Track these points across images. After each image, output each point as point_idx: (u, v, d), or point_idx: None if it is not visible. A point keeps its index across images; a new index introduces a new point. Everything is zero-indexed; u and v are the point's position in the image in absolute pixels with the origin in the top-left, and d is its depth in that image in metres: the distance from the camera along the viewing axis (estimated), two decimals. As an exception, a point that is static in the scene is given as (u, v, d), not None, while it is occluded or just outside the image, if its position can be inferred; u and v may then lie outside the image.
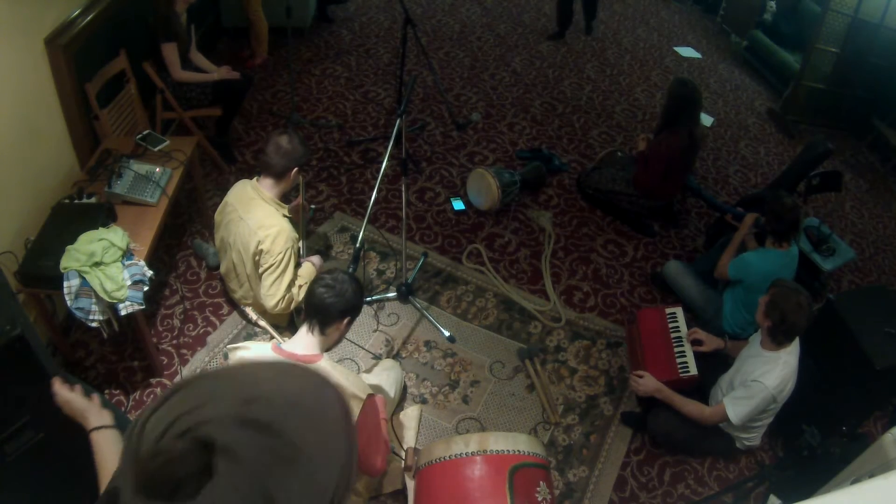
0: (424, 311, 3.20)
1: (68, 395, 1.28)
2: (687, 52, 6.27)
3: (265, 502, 0.52)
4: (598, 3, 6.05)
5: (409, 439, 2.66)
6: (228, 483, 0.51)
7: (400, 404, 2.81)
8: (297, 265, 2.78)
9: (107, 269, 2.30)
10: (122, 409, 2.63)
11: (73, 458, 1.66)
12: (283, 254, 2.58)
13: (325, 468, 0.57)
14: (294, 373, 0.63)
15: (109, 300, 2.30)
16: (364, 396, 2.04)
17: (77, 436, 1.64)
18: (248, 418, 0.54)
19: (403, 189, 2.90)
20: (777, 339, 2.46)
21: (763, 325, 2.50)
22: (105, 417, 1.22)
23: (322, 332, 2.01)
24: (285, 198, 2.76)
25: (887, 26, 5.05)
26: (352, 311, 2.05)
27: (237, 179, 2.82)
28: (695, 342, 2.89)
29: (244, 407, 0.55)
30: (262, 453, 0.53)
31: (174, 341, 2.92)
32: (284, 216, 2.67)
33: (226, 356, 2.83)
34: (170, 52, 3.35)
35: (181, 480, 0.51)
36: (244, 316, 2.97)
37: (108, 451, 1.08)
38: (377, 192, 2.71)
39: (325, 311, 1.98)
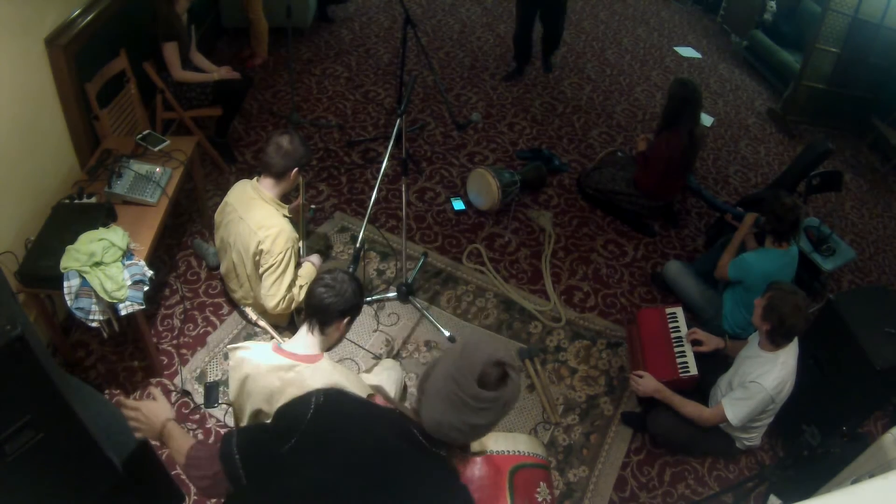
0: (424, 311, 3.20)
1: (160, 396, 1.70)
2: (687, 52, 6.27)
3: (514, 394, 1.23)
4: (561, 35, 5.23)
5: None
6: (514, 383, 1.22)
7: (400, 404, 2.81)
8: (298, 265, 2.78)
9: (107, 269, 2.31)
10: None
11: (73, 458, 1.66)
12: (283, 254, 2.58)
13: None
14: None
15: (110, 300, 2.30)
16: (364, 396, 2.04)
17: (77, 436, 1.63)
18: (510, 356, 1.24)
19: (403, 189, 2.90)
20: (776, 341, 2.47)
21: (761, 328, 2.50)
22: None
23: (322, 332, 2.01)
24: (286, 198, 2.76)
25: (887, 26, 5.05)
26: (352, 310, 2.05)
27: (237, 179, 2.82)
28: (694, 342, 2.89)
29: (506, 352, 1.24)
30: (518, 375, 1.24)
31: (174, 341, 2.92)
32: (284, 216, 2.67)
33: (226, 356, 2.84)
34: (170, 51, 3.36)
35: (498, 382, 1.19)
36: (244, 316, 2.97)
37: (181, 435, 1.54)
38: (377, 192, 2.71)
39: (325, 310, 1.98)
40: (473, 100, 4.87)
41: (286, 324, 2.92)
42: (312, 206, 3.58)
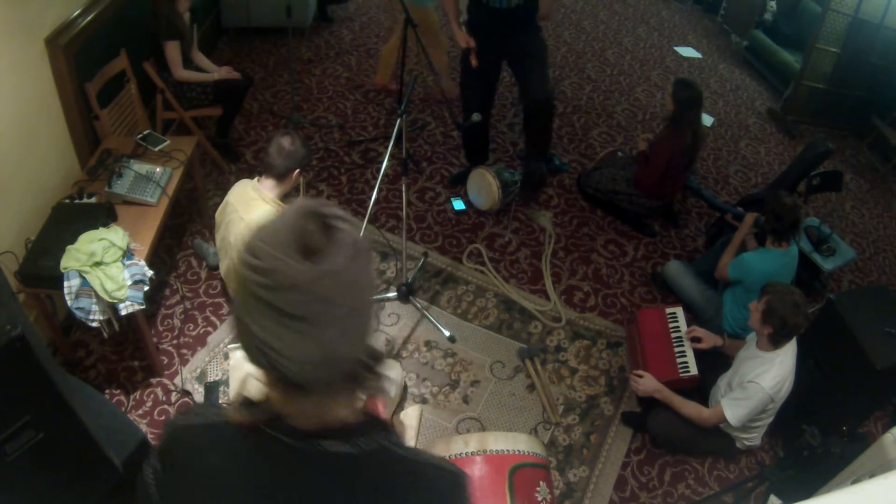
0: (425, 311, 3.20)
1: None
2: (687, 51, 6.27)
3: (360, 247, 0.78)
4: (552, 100, 3.70)
5: (410, 439, 2.66)
6: (346, 233, 0.77)
7: (400, 404, 2.81)
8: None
9: (107, 269, 2.31)
10: (123, 408, 2.63)
11: (73, 458, 1.66)
12: (283, 254, 2.57)
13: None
14: None
15: (110, 300, 2.30)
16: (364, 396, 2.04)
17: (77, 436, 1.64)
18: (333, 204, 0.82)
19: (404, 189, 2.90)
20: (779, 342, 2.47)
21: (762, 332, 2.50)
22: None
23: None
24: (286, 198, 2.76)
25: (887, 26, 5.05)
26: None
27: (237, 179, 2.82)
28: (693, 339, 2.89)
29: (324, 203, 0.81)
30: (351, 220, 0.80)
31: (174, 341, 2.92)
32: (285, 216, 2.66)
33: (226, 356, 2.84)
34: (172, 50, 3.35)
35: (321, 236, 0.75)
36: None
37: None
38: (377, 192, 2.72)
39: None
40: (473, 100, 4.86)
41: (286, 324, 2.91)
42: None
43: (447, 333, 3.13)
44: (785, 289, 2.47)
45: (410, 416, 2.74)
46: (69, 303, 2.29)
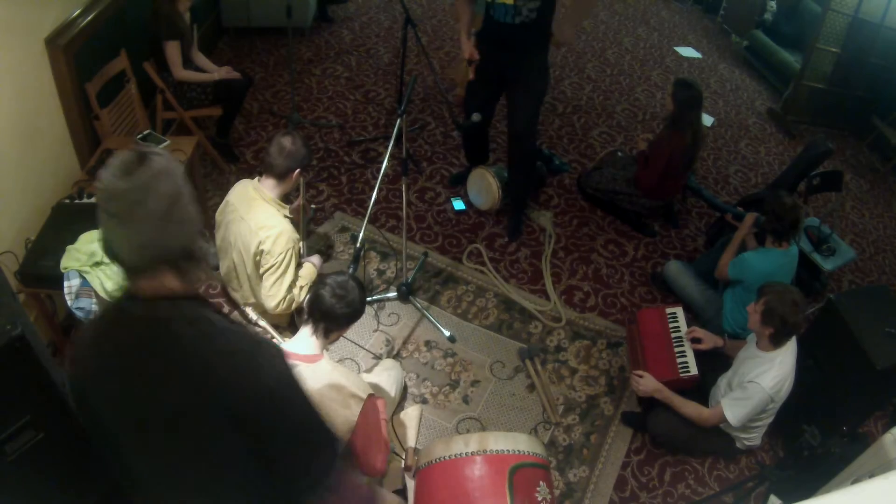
0: (425, 311, 3.20)
1: None
2: (687, 51, 6.27)
3: (168, 170, 1.08)
4: (533, 146, 3.72)
5: (410, 439, 2.66)
6: (156, 161, 1.06)
7: (400, 404, 2.81)
8: (298, 266, 2.78)
9: (107, 269, 2.31)
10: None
11: (73, 458, 1.66)
12: (283, 254, 2.58)
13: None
14: None
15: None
16: (364, 396, 2.05)
17: (77, 436, 1.63)
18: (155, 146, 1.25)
19: (404, 189, 2.91)
20: (780, 341, 2.47)
21: (763, 333, 2.50)
22: None
23: (326, 336, 2.07)
24: (286, 198, 2.76)
25: (887, 26, 5.05)
26: (357, 316, 2.13)
27: (238, 179, 2.82)
28: (693, 340, 2.89)
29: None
30: (165, 155, 1.10)
31: (174, 341, 2.91)
32: (285, 217, 2.67)
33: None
34: (172, 50, 3.35)
35: (136, 163, 1.04)
36: (244, 316, 2.97)
37: None
38: (377, 192, 2.72)
39: (335, 319, 2.05)
40: (473, 100, 4.86)
41: (287, 324, 2.92)
42: (313, 206, 3.58)
43: (447, 333, 3.13)
44: (783, 288, 2.48)
45: (410, 417, 2.74)
46: (69, 303, 2.29)
